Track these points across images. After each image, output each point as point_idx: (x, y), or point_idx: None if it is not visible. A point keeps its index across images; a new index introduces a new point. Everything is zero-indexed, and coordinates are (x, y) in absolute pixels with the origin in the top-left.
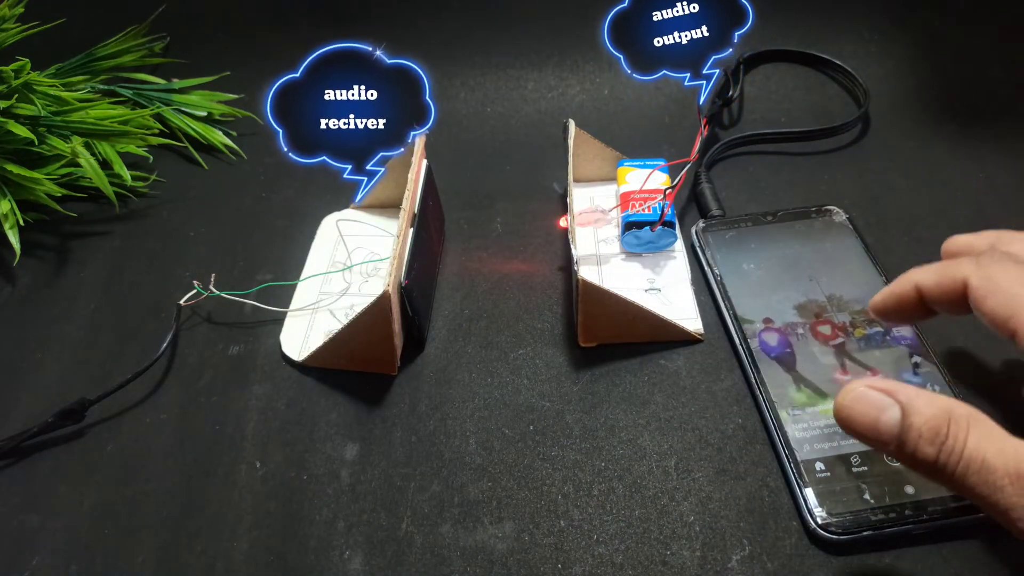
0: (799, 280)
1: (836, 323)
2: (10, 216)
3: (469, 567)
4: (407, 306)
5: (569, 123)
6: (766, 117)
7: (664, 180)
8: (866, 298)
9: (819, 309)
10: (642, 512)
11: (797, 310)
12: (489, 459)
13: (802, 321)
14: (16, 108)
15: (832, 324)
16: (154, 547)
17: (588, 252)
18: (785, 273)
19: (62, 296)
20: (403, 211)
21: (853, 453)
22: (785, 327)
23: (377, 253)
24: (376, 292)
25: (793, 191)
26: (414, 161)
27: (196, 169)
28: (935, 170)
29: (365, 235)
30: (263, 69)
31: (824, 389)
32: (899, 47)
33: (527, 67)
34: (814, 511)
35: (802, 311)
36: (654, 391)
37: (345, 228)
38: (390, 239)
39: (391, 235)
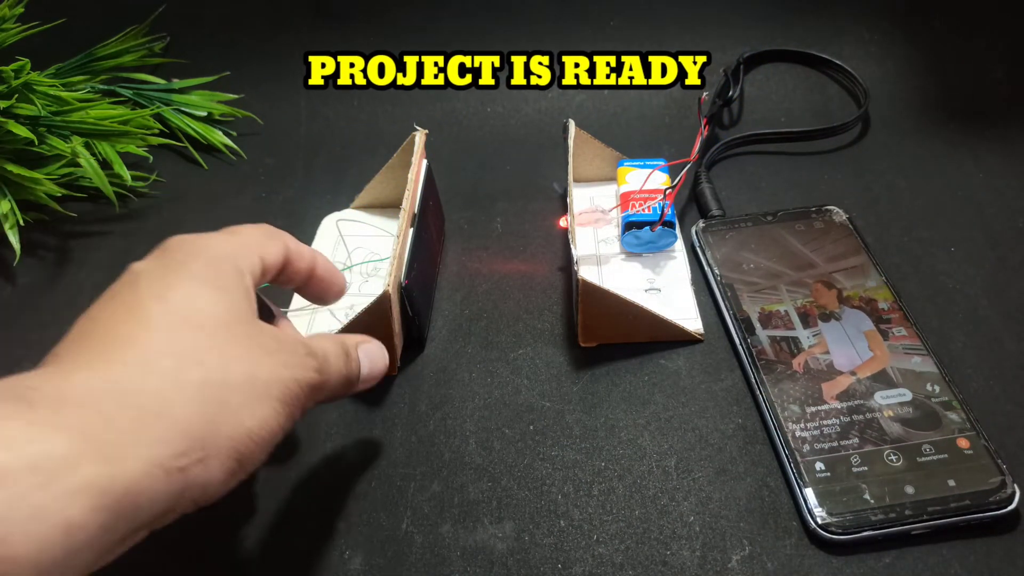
0: (799, 280)
1: None
2: (10, 216)
3: (469, 567)
4: (407, 306)
5: (569, 123)
6: (766, 117)
7: (664, 180)
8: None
9: (819, 309)
10: (642, 512)
11: (797, 310)
12: (489, 459)
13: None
14: (16, 108)
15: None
16: (167, 541)
17: (588, 252)
18: (785, 273)
19: (62, 296)
20: (403, 211)
21: (853, 453)
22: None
23: (377, 253)
24: (376, 292)
25: (793, 191)
26: (414, 160)
27: (196, 169)
28: (935, 170)
29: (365, 235)
30: (263, 69)
31: (825, 388)
32: (899, 47)
33: None
34: (814, 511)
35: (802, 311)
36: (654, 391)
37: (345, 228)
38: (390, 239)
39: (391, 235)
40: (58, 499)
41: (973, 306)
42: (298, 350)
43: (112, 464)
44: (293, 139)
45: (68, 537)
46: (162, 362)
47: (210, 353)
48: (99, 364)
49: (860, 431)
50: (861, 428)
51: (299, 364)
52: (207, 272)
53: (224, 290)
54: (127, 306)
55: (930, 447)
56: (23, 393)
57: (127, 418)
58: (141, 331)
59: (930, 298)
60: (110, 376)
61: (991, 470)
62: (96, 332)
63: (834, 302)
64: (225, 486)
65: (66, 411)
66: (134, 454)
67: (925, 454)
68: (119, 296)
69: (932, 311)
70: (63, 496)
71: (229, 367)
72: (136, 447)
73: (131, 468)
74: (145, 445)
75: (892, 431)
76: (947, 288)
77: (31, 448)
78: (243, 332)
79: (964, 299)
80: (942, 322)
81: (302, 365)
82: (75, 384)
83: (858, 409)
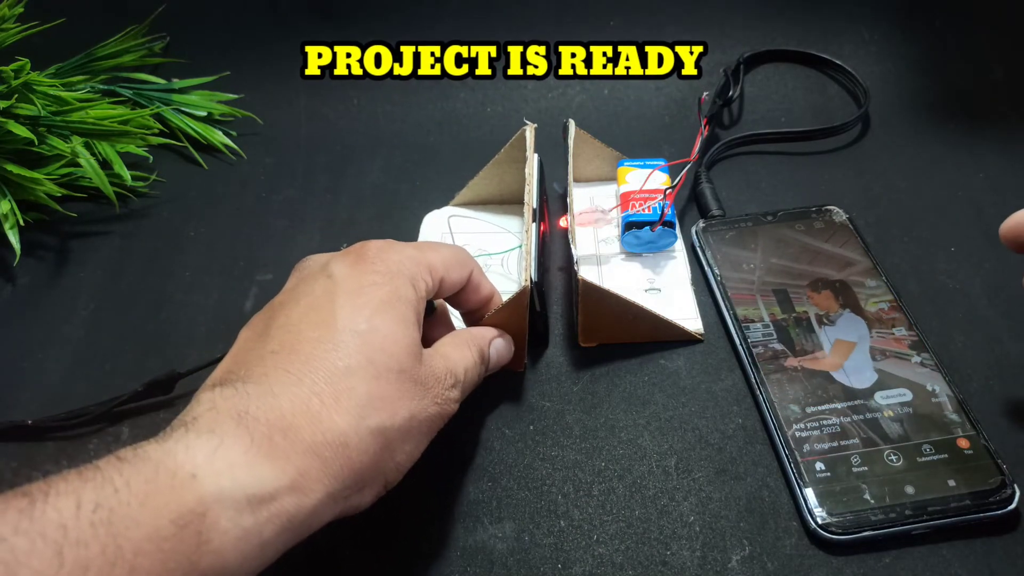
0: (799, 280)
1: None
2: (10, 216)
3: (469, 567)
4: (535, 302)
5: (569, 123)
6: (766, 117)
7: (664, 180)
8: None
9: (818, 310)
10: (642, 512)
11: (797, 310)
12: (489, 459)
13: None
14: (16, 108)
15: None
16: None
17: (588, 252)
18: (785, 273)
19: (62, 296)
20: (526, 206)
21: (853, 453)
22: None
23: (485, 249)
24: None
25: (793, 191)
26: (528, 155)
27: (196, 169)
28: (935, 170)
29: (472, 231)
30: (263, 69)
31: (825, 388)
32: (899, 47)
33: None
34: (814, 511)
35: (802, 311)
36: (654, 391)
37: (455, 225)
38: (498, 235)
39: (501, 230)
40: (260, 523)
41: (973, 306)
42: (447, 381)
43: (301, 496)
44: (293, 139)
45: (262, 552)
46: (349, 404)
47: (385, 401)
48: (301, 392)
49: (860, 431)
50: (861, 428)
51: (447, 399)
52: (393, 298)
53: (404, 323)
54: (326, 326)
55: (930, 447)
56: (241, 416)
57: (318, 457)
58: (339, 363)
59: (930, 298)
60: (310, 409)
61: (991, 470)
62: (297, 348)
63: (833, 303)
64: (369, 504)
65: (275, 440)
66: (318, 488)
67: (925, 454)
68: (317, 308)
69: (932, 311)
70: (265, 521)
71: (397, 412)
72: (320, 483)
73: (314, 500)
74: (327, 482)
75: (892, 431)
76: (947, 288)
77: (250, 479)
78: (410, 374)
79: (964, 299)
80: (942, 322)
81: (449, 399)
82: (284, 413)
83: (858, 409)
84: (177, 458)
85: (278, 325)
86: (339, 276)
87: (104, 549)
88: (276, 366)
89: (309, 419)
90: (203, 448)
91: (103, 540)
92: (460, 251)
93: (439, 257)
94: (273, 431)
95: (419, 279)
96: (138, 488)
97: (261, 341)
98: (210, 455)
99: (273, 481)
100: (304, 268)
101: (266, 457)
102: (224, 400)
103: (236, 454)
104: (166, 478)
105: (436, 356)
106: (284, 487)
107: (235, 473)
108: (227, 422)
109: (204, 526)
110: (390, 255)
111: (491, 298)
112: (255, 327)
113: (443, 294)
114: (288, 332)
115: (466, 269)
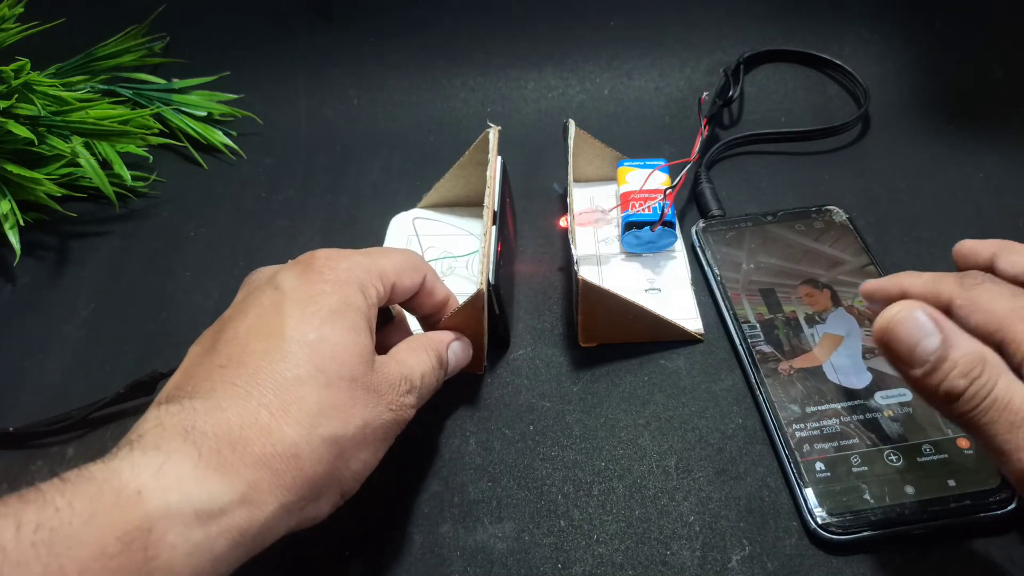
0: (799, 280)
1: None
2: (10, 216)
3: (469, 567)
4: (494, 304)
5: (569, 123)
6: (766, 117)
7: (664, 180)
8: None
9: (817, 309)
10: (642, 512)
11: (796, 311)
12: (489, 459)
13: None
14: (16, 108)
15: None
16: None
17: (588, 252)
18: (785, 273)
19: (62, 296)
20: (486, 208)
21: (853, 453)
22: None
23: (450, 251)
24: (452, 290)
25: (793, 191)
26: (491, 158)
27: (196, 169)
28: (935, 170)
29: (438, 233)
30: (263, 69)
31: (824, 388)
32: (899, 47)
33: (527, 67)
34: (814, 511)
35: (802, 311)
36: (654, 391)
37: (420, 227)
38: (463, 237)
39: (465, 233)
40: (211, 538)
41: None
42: (402, 387)
43: (253, 509)
44: (293, 139)
45: (214, 566)
46: (300, 414)
47: (336, 409)
48: (249, 405)
49: (860, 431)
50: (861, 428)
51: (402, 405)
52: (342, 307)
53: (355, 331)
54: (273, 338)
55: (930, 447)
56: (188, 431)
57: (269, 469)
58: (287, 373)
59: None
60: (259, 421)
61: (991, 470)
62: (245, 361)
63: (831, 303)
64: (327, 515)
65: (223, 454)
66: (270, 500)
67: (925, 454)
68: (265, 319)
69: None
70: (216, 535)
71: (350, 420)
72: (272, 495)
73: (266, 512)
74: (279, 494)
75: (892, 431)
76: None
77: (198, 494)
78: (363, 381)
79: None
80: None
81: (404, 405)
82: (232, 427)
83: (858, 409)
84: (122, 476)
85: (226, 339)
86: (287, 287)
87: (46, 569)
88: (224, 380)
89: (258, 431)
90: (149, 465)
91: (45, 560)
92: (412, 256)
93: (390, 263)
94: (222, 445)
95: (369, 286)
96: (82, 508)
97: (209, 356)
98: (156, 472)
99: (223, 495)
100: (253, 281)
101: (215, 471)
102: (170, 416)
103: (184, 469)
104: (111, 496)
105: (391, 362)
106: (235, 501)
107: (183, 488)
108: (174, 438)
109: (150, 542)
110: (339, 263)
111: (447, 302)
112: (204, 342)
113: (396, 300)
114: (236, 345)
115: (419, 274)
